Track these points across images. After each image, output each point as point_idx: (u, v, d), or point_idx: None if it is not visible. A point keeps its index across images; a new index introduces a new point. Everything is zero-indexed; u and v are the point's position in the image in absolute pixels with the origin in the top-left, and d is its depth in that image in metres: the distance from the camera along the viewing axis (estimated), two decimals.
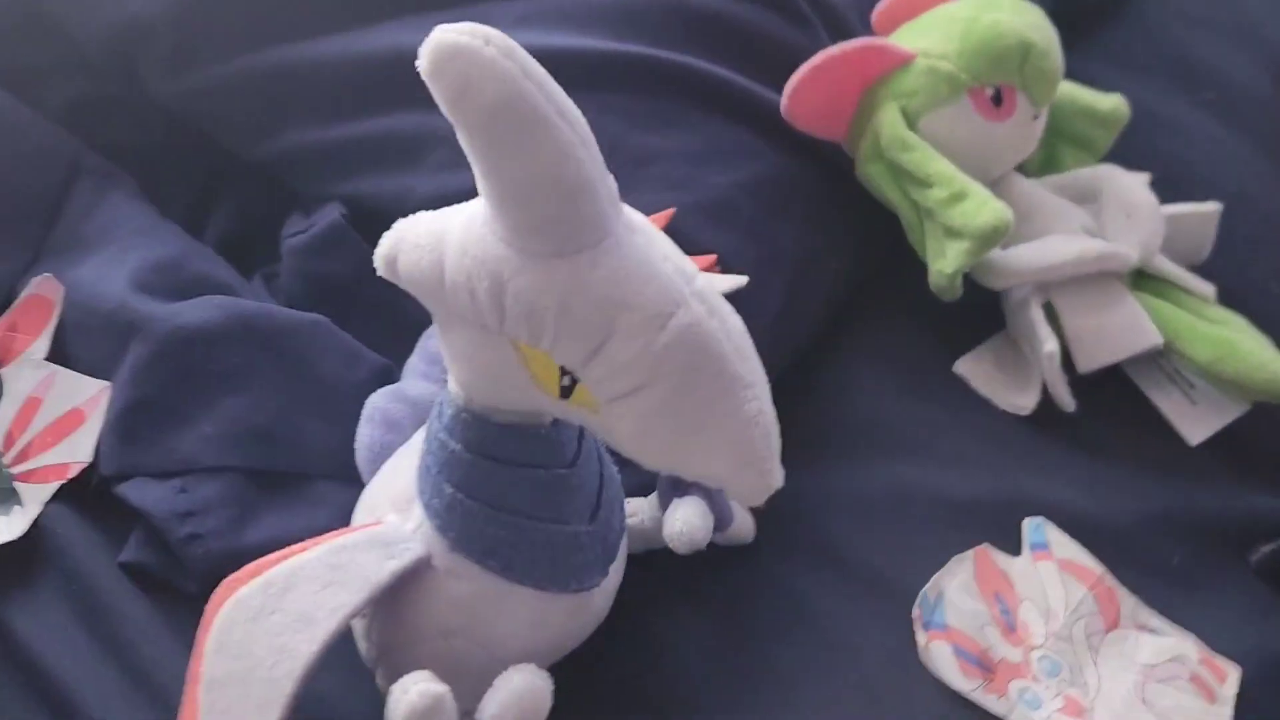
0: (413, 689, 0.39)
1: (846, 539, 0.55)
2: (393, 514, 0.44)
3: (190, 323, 0.54)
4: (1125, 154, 0.69)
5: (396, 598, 0.43)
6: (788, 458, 0.39)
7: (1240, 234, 0.68)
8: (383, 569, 0.41)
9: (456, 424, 0.41)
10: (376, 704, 0.41)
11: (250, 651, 0.40)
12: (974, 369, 0.62)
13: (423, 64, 0.32)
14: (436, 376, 0.50)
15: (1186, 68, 0.79)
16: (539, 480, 0.42)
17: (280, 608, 0.40)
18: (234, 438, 0.52)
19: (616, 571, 0.47)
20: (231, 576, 0.41)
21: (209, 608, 0.41)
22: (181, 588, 0.49)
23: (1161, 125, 0.74)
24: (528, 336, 0.36)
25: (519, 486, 0.41)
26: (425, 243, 0.37)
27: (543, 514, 0.42)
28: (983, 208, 0.56)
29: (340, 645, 0.42)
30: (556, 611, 0.44)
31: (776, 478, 0.38)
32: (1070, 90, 0.67)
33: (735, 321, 0.37)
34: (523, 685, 0.41)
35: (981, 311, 0.63)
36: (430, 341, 0.52)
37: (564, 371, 0.36)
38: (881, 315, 0.65)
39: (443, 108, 0.33)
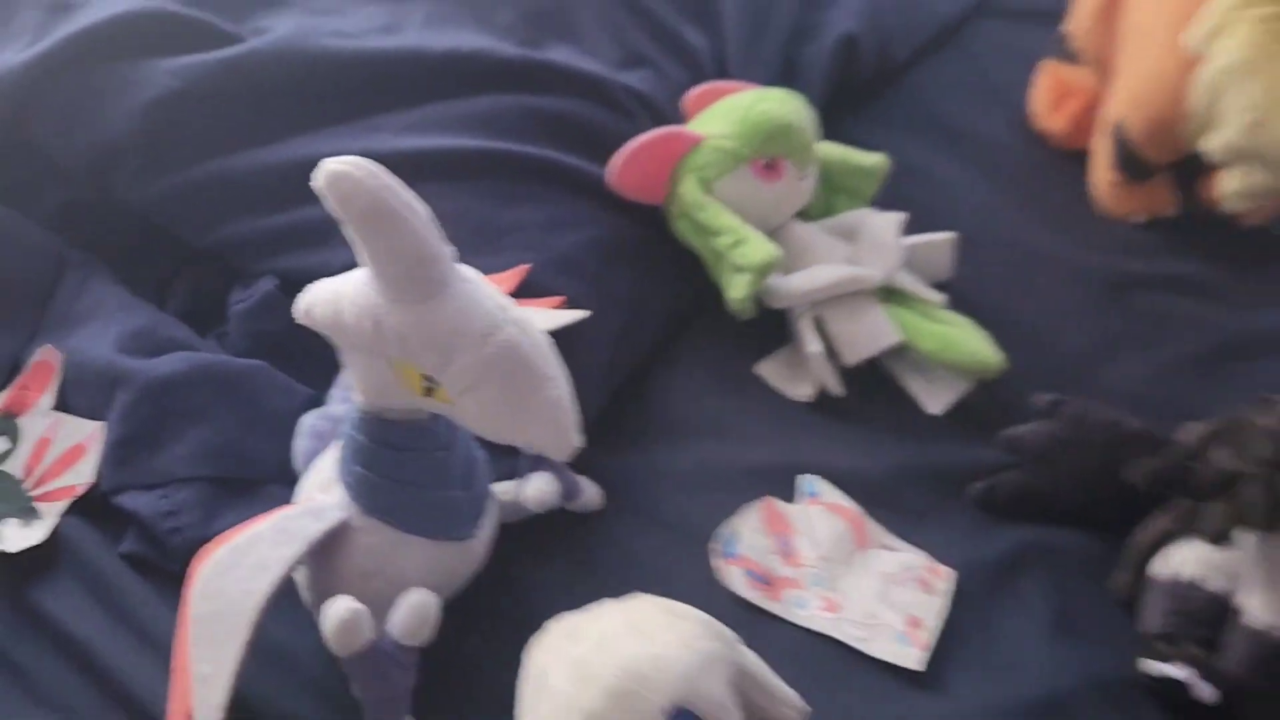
0: (339, 605, 0.56)
1: (668, 503, 0.73)
2: (320, 494, 0.62)
3: (162, 373, 0.71)
4: (891, 198, 0.89)
5: (326, 551, 0.60)
6: (626, 444, 0.56)
7: (981, 255, 0.89)
8: (315, 528, 0.59)
9: (360, 422, 0.59)
10: (320, 647, 0.58)
11: (223, 593, 0.57)
12: (769, 369, 0.81)
13: (316, 185, 0.50)
14: (349, 399, 0.68)
15: (943, 126, 1.00)
16: (422, 459, 0.60)
17: (243, 562, 0.58)
18: (200, 456, 0.69)
19: (490, 529, 0.65)
20: (206, 545, 0.59)
21: (190, 570, 0.58)
22: (167, 568, 0.66)
23: (920, 173, 0.95)
24: (399, 355, 0.54)
25: (408, 464, 0.59)
26: (328, 298, 0.55)
27: (427, 483, 0.60)
28: (758, 248, 0.76)
29: (289, 603, 0.59)
30: (443, 556, 0.62)
31: (575, 440, 0.56)
32: (841, 152, 0.88)
33: (539, 336, 0.55)
34: (417, 600, 0.58)
35: (774, 326, 0.82)
36: (344, 375, 0.70)
37: (425, 378, 0.54)
38: (699, 333, 0.84)
39: (332, 213, 0.51)
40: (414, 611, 0.58)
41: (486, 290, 0.55)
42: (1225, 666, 0.62)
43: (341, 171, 0.50)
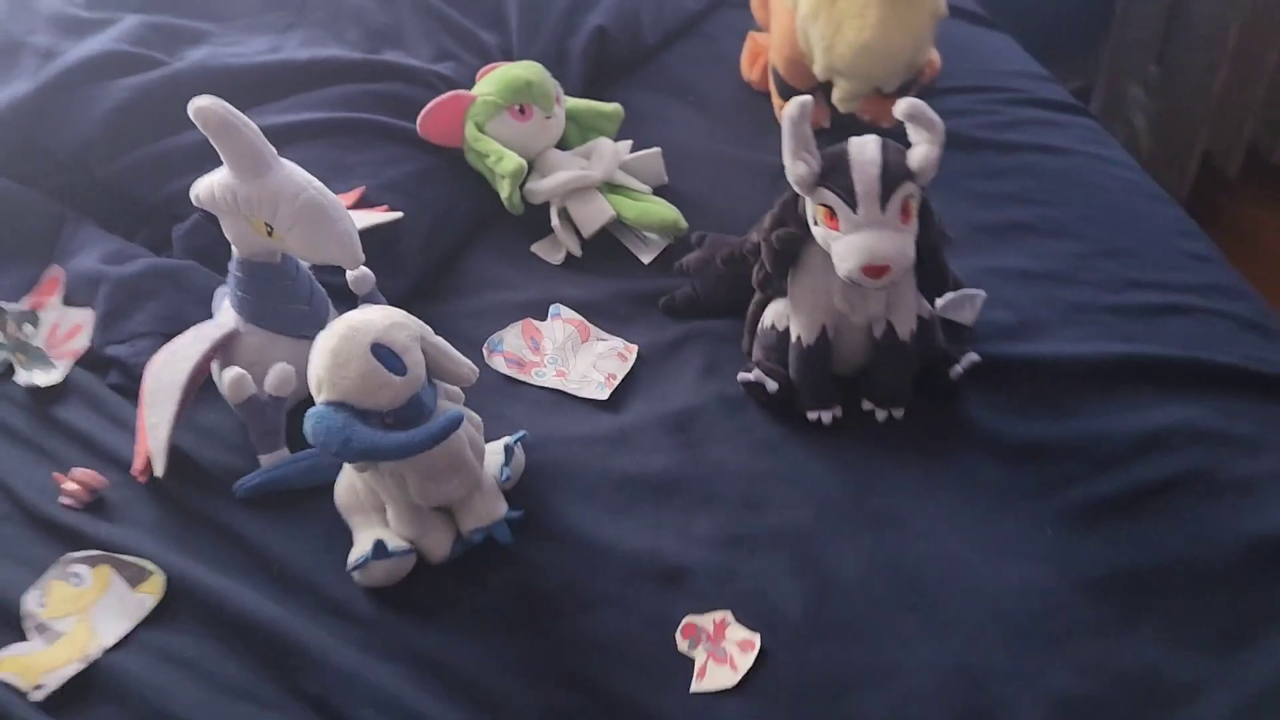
0: (231, 371, 0.95)
1: (466, 329, 1.11)
2: (220, 318, 1.01)
3: (128, 272, 1.11)
4: (632, 134, 1.28)
5: (227, 351, 0.99)
6: (442, 296, 0.96)
7: (700, 167, 1.28)
8: (217, 333, 0.98)
9: (239, 266, 0.98)
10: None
11: (162, 376, 0.96)
12: (538, 247, 1.20)
13: (190, 114, 0.90)
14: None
15: (679, 85, 1.40)
16: (279, 284, 0.98)
17: (174, 358, 0.97)
18: (154, 320, 1.09)
19: None
20: (151, 358, 0.98)
21: (144, 375, 0.97)
22: (135, 388, 1.05)
23: (655, 117, 1.34)
24: (249, 214, 0.93)
25: (270, 289, 0.98)
26: (206, 186, 0.94)
27: (283, 300, 0.99)
28: (510, 160, 1.15)
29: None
30: (296, 349, 1.00)
31: (360, 256, 0.94)
32: (587, 103, 1.27)
33: (332, 196, 0.94)
34: (281, 368, 0.96)
35: (542, 220, 1.21)
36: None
37: (266, 225, 0.94)
38: (496, 228, 1.23)
39: (202, 131, 0.91)
40: (280, 374, 0.96)
41: (297, 170, 0.94)
42: (784, 370, 1.00)
43: (201, 104, 0.89)
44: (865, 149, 0.88)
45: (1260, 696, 0.79)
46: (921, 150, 0.87)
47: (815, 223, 0.91)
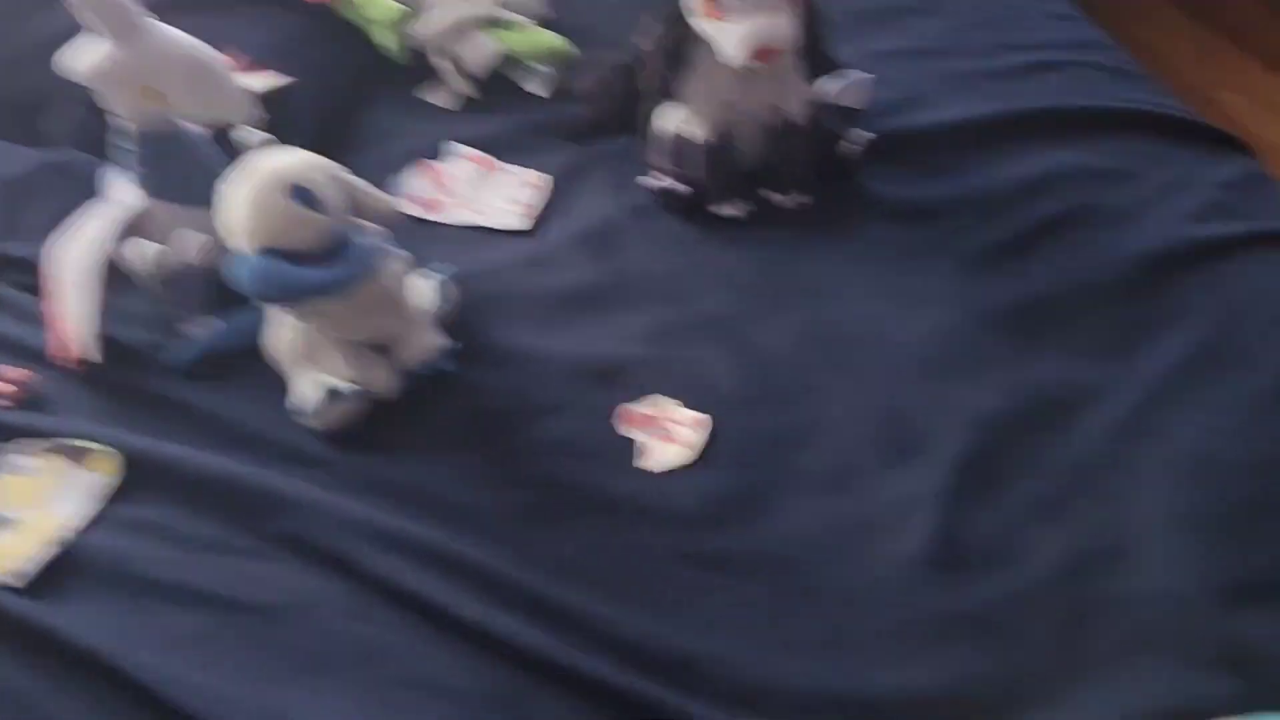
0: (152, 248, 0.95)
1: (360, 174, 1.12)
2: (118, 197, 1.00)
3: (17, 172, 1.08)
4: None
5: (134, 229, 0.98)
6: (340, 148, 0.96)
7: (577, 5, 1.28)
8: (125, 211, 0.97)
9: (136, 141, 0.96)
10: None
11: (74, 264, 0.95)
12: (425, 91, 1.20)
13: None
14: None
15: None
16: (182, 155, 0.97)
17: (84, 244, 0.96)
18: (53, 215, 1.06)
19: None
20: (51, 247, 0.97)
21: (48, 265, 0.96)
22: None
23: None
24: (136, 80, 0.92)
25: (173, 160, 0.97)
26: (86, 62, 0.92)
27: (189, 169, 0.98)
28: (386, 7, 1.14)
29: None
30: (199, 217, 0.99)
31: (251, 110, 0.94)
32: None
33: (210, 50, 0.92)
34: (201, 237, 0.96)
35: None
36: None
37: (155, 91, 0.92)
38: (385, 77, 1.22)
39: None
40: (203, 243, 0.95)
41: (173, 30, 0.92)
42: (690, 172, 1.03)
43: None
44: None
45: (1153, 389, 0.87)
46: None
47: (699, 16, 0.93)
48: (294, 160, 0.82)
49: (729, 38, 0.90)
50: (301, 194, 0.81)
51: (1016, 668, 0.74)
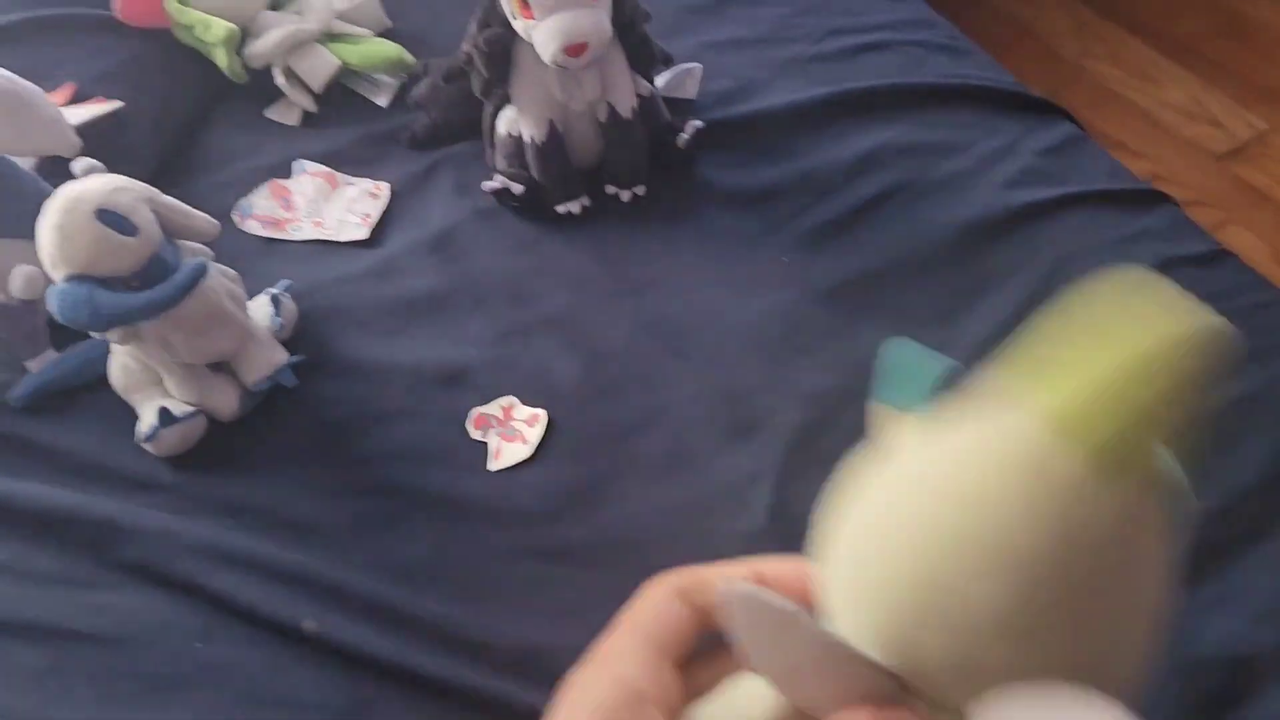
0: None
1: (214, 199, 1.12)
2: None
3: None
4: None
5: None
6: (183, 174, 0.95)
7: (418, 2, 1.28)
8: None
9: None
10: None
11: None
12: (272, 111, 1.20)
13: None
14: None
15: None
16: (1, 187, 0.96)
17: None
18: None
19: None
20: None
21: None
22: None
23: None
24: None
25: None
26: None
27: (10, 201, 0.97)
28: (218, 27, 1.14)
29: None
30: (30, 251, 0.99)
31: (76, 141, 0.93)
32: None
33: (25, 84, 0.92)
34: (26, 269, 0.95)
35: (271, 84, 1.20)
36: None
37: None
38: (227, 98, 1.21)
39: None
40: (25, 275, 0.94)
41: None
42: (524, 175, 1.04)
43: None
44: None
45: (975, 351, 0.90)
46: None
47: (514, 17, 0.94)
48: (98, 185, 0.82)
49: (543, 37, 0.92)
50: (109, 218, 0.81)
51: None
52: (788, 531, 0.82)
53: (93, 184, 0.82)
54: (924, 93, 1.11)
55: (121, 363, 0.93)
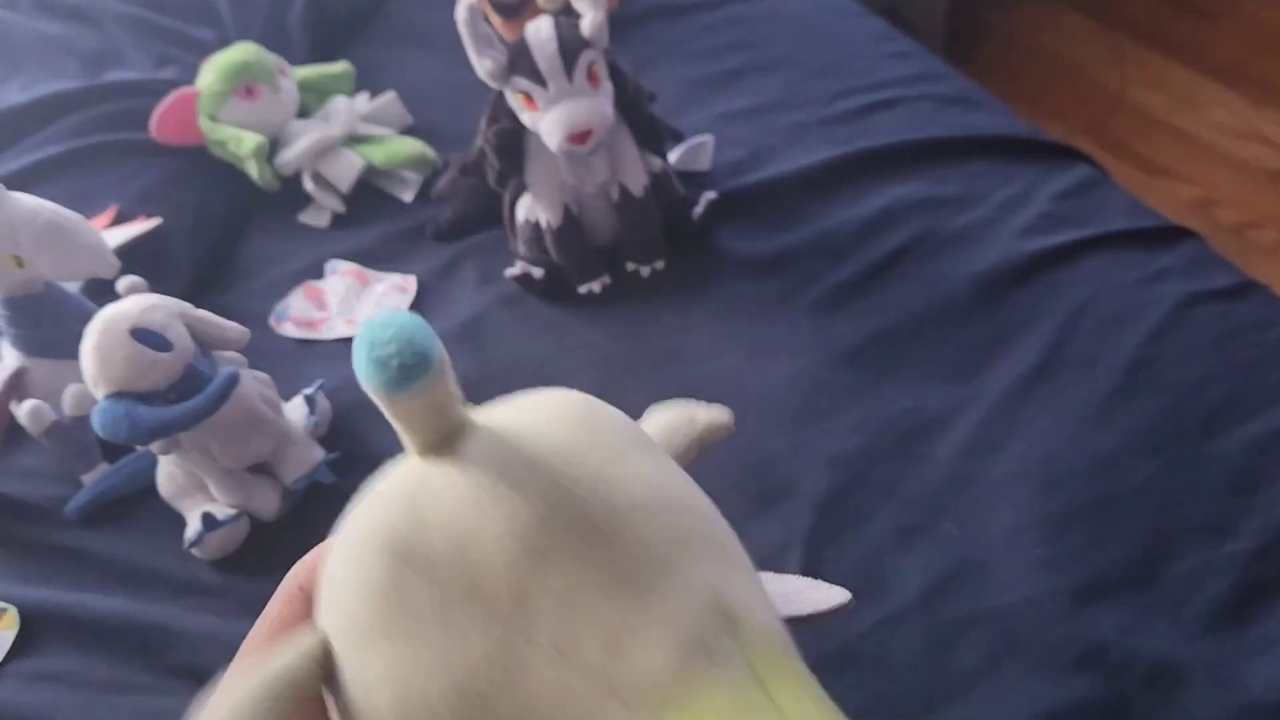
0: (26, 404, 0.98)
1: (253, 305, 1.16)
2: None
3: None
4: (375, 85, 1.33)
5: (20, 389, 1.01)
6: (223, 283, 0.99)
7: (440, 98, 1.33)
8: (3, 372, 1.00)
9: (3, 305, 1.00)
10: None
11: None
12: (307, 215, 1.24)
13: None
14: None
15: (409, 28, 1.45)
16: (51, 313, 1.01)
17: None
18: None
19: None
20: None
21: None
22: None
23: (394, 63, 1.39)
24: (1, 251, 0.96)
25: (42, 319, 1.01)
26: None
27: (60, 325, 1.02)
28: (248, 140, 1.19)
29: None
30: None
31: (114, 262, 0.98)
32: (314, 69, 1.31)
33: (69, 212, 0.97)
34: (76, 388, 0.99)
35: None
36: None
37: (15, 259, 0.96)
38: (260, 208, 1.26)
39: None
40: (75, 394, 0.99)
41: (27, 198, 0.97)
42: (546, 259, 1.07)
43: None
44: (540, 30, 0.94)
45: (998, 405, 0.90)
46: (588, 18, 0.94)
47: (521, 111, 0.97)
48: (132, 305, 0.86)
49: (548, 127, 0.94)
50: (143, 336, 0.85)
51: (883, 697, 0.76)
52: None
53: (127, 305, 0.86)
54: (936, 146, 1.11)
55: (168, 471, 0.97)
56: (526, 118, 0.97)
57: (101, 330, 0.85)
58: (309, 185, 1.22)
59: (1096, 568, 0.78)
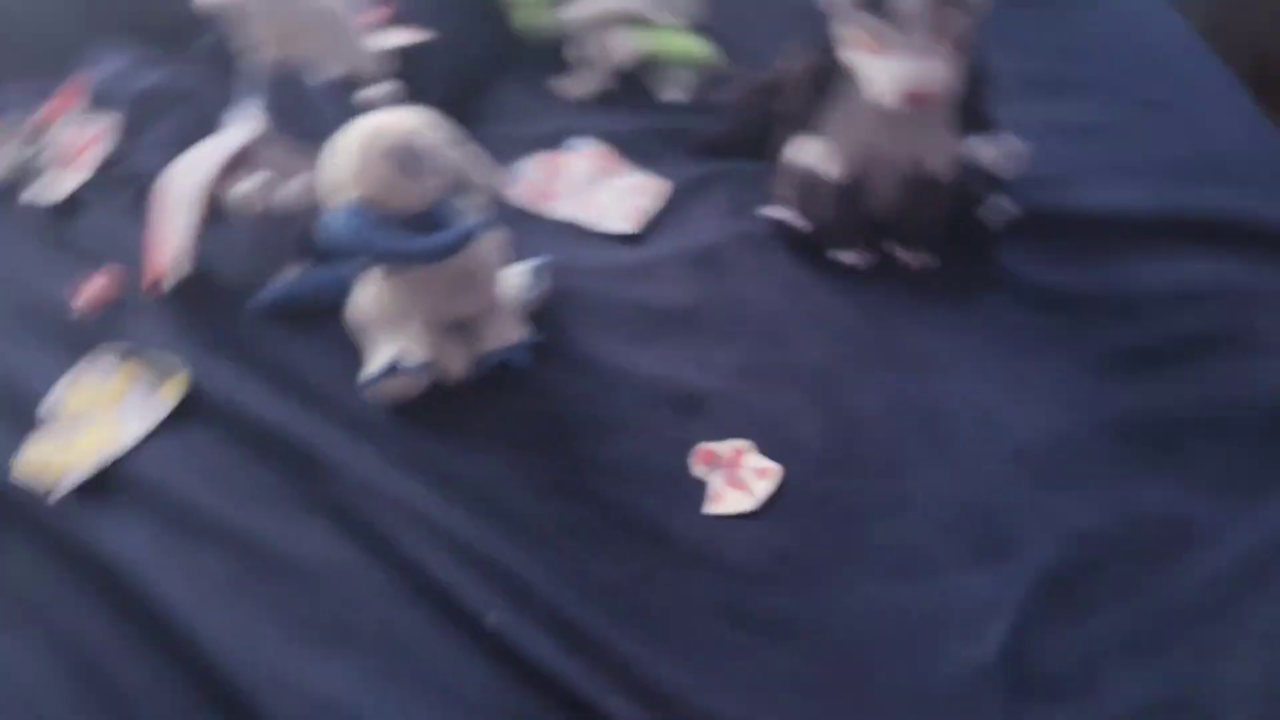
0: (254, 177, 0.93)
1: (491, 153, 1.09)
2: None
3: (150, 84, 1.08)
4: None
5: (252, 157, 0.96)
6: (472, 123, 0.93)
7: (740, 5, 1.23)
8: (237, 138, 0.95)
9: (271, 82, 0.94)
10: None
11: (179, 186, 0.94)
12: (559, 83, 1.17)
13: None
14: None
15: None
16: (304, 92, 0.95)
17: (193, 167, 0.95)
18: (174, 131, 1.06)
19: None
20: (167, 168, 0.95)
21: (158, 187, 0.95)
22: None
23: None
24: (265, 21, 0.90)
25: (295, 96, 0.95)
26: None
27: (301, 116, 0.96)
28: None
29: None
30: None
31: (373, 62, 0.92)
32: None
33: (341, 4, 0.91)
34: (303, 178, 0.94)
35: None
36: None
37: (282, 32, 0.90)
38: (516, 58, 1.19)
39: None
40: (303, 182, 0.93)
41: None
42: (815, 210, 0.97)
43: None
44: None
45: (1274, 540, 0.78)
46: None
47: (850, 47, 0.88)
48: (408, 119, 0.79)
49: (882, 75, 0.85)
50: (410, 153, 0.78)
51: None
52: (1017, 680, 0.73)
53: (401, 117, 0.80)
54: (1268, 232, 0.98)
55: (364, 299, 0.90)
56: (860, 58, 0.87)
57: (371, 133, 0.78)
58: (579, 54, 1.14)
59: None
